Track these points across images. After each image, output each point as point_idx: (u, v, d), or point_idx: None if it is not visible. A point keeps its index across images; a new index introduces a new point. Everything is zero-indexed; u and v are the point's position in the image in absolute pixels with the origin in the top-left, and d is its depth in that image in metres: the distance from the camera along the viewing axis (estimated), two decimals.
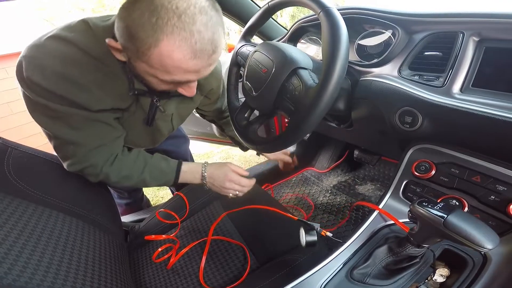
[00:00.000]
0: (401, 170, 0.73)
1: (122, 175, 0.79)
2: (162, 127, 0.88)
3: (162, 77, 0.58)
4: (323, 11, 0.62)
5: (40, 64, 0.59)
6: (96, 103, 0.65)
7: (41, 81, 0.59)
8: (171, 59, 0.53)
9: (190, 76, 0.59)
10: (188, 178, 0.89)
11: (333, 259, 0.57)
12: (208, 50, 0.55)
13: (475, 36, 0.65)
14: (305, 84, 0.67)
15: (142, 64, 0.57)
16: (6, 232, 0.52)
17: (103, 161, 0.75)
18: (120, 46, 0.58)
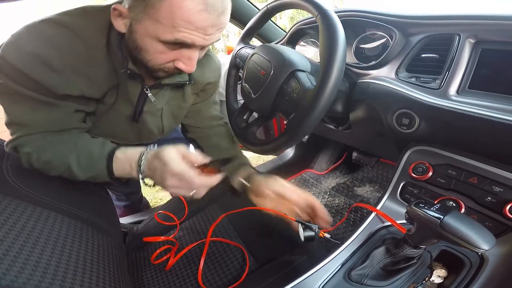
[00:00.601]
0: (398, 172, 0.74)
1: (43, 160, 0.66)
2: (150, 123, 0.83)
3: (165, 36, 0.56)
4: (321, 14, 0.63)
5: (20, 44, 0.58)
6: (65, 87, 0.62)
7: (14, 60, 0.57)
8: (181, 9, 0.52)
9: (195, 35, 0.57)
10: (125, 169, 0.67)
11: (331, 260, 0.57)
12: (218, 7, 0.55)
13: (472, 38, 0.66)
14: (303, 86, 0.67)
15: (147, 22, 0.56)
16: (4, 233, 0.52)
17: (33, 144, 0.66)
18: (125, 10, 0.58)
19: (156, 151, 0.64)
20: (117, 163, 0.67)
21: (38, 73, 0.58)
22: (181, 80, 0.77)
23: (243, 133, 0.89)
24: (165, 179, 0.61)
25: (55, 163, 0.67)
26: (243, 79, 0.84)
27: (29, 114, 0.64)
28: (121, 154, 0.68)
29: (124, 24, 0.60)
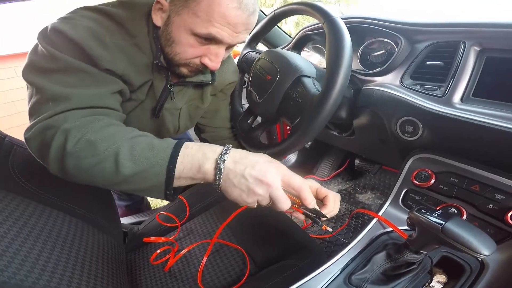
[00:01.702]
0: (401, 179, 0.74)
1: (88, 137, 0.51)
2: (168, 121, 0.83)
3: (200, 29, 0.62)
4: (328, 21, 0.64)
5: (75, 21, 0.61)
6: (109, 62, 0.61)
7: (68, 31, 0.58)
8: (219, 5, 0.59)
9: (226, 31, 0.63)
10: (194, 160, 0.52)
11: (331, 265, 0.57)
12: (249, 7, 0.62)
13: (476, 46, 0.66)
14: (308, 92, 0.68)
15: (185, 15, 0.62)
16: (6, 230, 0.52)
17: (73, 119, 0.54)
18: (166, 3, 0.64)
19: (248, 154, 0.54)
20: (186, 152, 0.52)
21: (89, 44, 0.59)
22: (204, 79, 0.80)
23: (247, 137, 0.89)
24: (257, 186, 0.50)
25: (101, 145, 0.51)
26: (249, 83, 0.85)
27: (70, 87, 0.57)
28: (194, 144, 0.54)
29: (162, 18, 0.67)
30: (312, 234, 1.14)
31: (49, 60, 0.58)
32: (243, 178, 0.50)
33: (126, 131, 0.55)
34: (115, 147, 0.50)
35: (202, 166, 0.51)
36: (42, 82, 0.56)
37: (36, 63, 0.59)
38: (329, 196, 0.61)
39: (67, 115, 0.54)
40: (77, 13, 0.64)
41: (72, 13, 0.64)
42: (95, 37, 0.61)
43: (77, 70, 0.58)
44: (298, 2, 0.76)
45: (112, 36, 0.63)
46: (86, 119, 0.54)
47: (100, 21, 0.63)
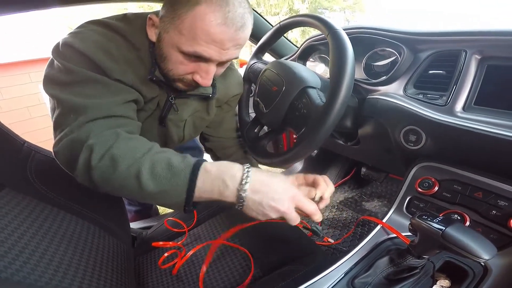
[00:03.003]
0: (405, 187, 0.75)
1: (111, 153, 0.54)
2: (173, 132, 0.86)
3: (185, 47, 0.62)
4: (331, 33, 0.66)
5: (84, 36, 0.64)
6: (118, 73, 0.65)
7: (77, 44, 0.62)
8: (202, 21, 0.58)
9: (213, 49, 0.62)
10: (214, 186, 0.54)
11: (335, 269, 0.58)
12: (237, 22, 0.60)
13: (477, 54, 0.67)
14: (313, 103, 0.70)
15: (172, 32, 0.62)
16: (23, 231, 0.55)
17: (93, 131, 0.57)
18: (157, 20, 0.65)
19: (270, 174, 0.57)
20: (206, 177, 0.54)
21: (98, 56, 0.63)
22: (204, 92, 0.81)
23: (254, 146, 0.91)
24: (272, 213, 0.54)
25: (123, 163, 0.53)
26: (255, 94, 0.87)
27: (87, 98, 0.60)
28: (212, 167, 0.55)
29: (155, 33, 0.67)
30: (318, 241, 1.14)
31: (65, 74, 0.62)
32: (261, 206, 0.54)
33: (145, 146, 0.58)
34: (136, 166, 0.53)
35: (222, 193, 0.54)
36: (61, 94, 0.61)
37: (53, 77, 0.64)
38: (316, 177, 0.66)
39: (89, 128, 0.57)
40: (84, 27, 0.66)
41: (80, 27, 0.67)
42: (103, 50, 0.63)
43: (92, 81, 0.62)
44: (303, 14, 0.78)
45: (119, 49, 0.66)
46: (108, 133, 0.57)
47: (106, 34, 0.66)
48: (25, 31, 4.88)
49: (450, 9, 10.97)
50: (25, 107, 4.17)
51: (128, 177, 0.53)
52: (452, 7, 11.07)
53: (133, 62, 0.69)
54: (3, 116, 3.75)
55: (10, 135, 0.73)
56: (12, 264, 0.47)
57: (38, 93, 4.28)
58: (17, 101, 4.10)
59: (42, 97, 4.39)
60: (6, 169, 0.66)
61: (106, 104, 0.61)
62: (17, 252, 0.50)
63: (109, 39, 0.65)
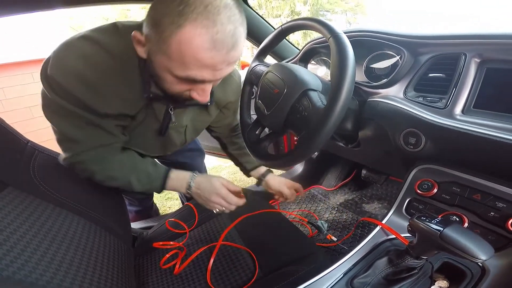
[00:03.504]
0: (404, 189, 0.75)
1: (108, 175, 0.79)
2: (175, 138, 0.90)
3: (177, 72, 0.58)
4: (333, 37, 0.67)
5: (64, 64, 0.63)
6: (104, 107, 0.68)
7: (61, 80, 0.63)
8: (189, 47, 0.53)
9: (205, 72, 0.59)
10: (175, 186, 0.87)
11: (334, 269, 0.58)
12: (227, 43, 0.55)
13: (477, 58, 0.68)
14: (314, 105, 0.71)
15: (160, 56, 0.58)
16: (25, 230, 0.55)
17: (93, 160, 0.76)
18: (143, 38, 0.60)
19: (206, 177, 0.88)
20: (170, 182, 0.86)
21: (81, 92, 0.64)
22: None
23: (255, 148, 0.92)
24: (211, 197, 0.85)
25: (119, 180, 0.81)
26: (257, 96, 0.88)
27: (79, 130, 0.71)
28: (174, 175, 0.87)
29: (144, 52, 0.62)
30: (318, 242, 1.15)
31: (55, 104, 0.67)
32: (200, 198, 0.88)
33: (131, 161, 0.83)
34: (127, 179, 0.82)
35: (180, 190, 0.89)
36: (56, 122, 0.71)
37: (47, 104, 0.70)
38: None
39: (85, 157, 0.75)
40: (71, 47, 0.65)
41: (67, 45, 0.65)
42: (86, 83, 0.63)
43: (80, 116, 0.68)
44: (305, 17, 0.79)
45: (103, 76, 0.64)
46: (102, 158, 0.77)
47: (93, 57, 0.64)
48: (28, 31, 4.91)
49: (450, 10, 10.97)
50: (27, 107, 4.18)
51: (123, 184, 0.82)
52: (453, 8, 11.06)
53: (120, 86, 0.67)
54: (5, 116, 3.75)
55: (14, 135, 0.74)
56: (14, 262, 0.48)
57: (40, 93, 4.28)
58: (20, 101, 4.11)
59: None
60: (9, 168, 0.67)
61: (95, 136, 0.74)
62: (19, 250, 0.50)
63: (93, 65, 0.63)
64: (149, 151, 0.92)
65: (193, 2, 0.52)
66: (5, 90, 4.00)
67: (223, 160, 3.09)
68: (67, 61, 0.63)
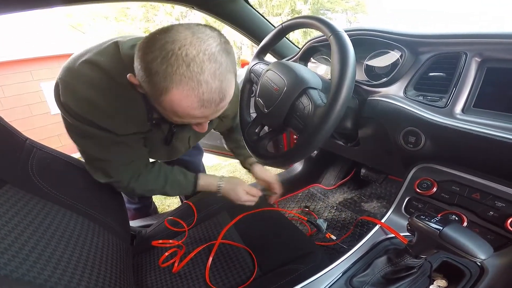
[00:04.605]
0: (404, 187, 0.75)
1: (146, 189, 0.87)
2: (179, 147, 0.96)
3: (174, 120, 0.62)
4: (333, 35, 0.66)
5: (72, 89, 0.65)
6: (120, 129, 0.71)
7: (74, 107, 0.65)
8: (180, 107, 0.55)
9: (200, 119, 0.62)
10: (205, 189, 0.96)
11: (333, 268, 0.58)
12: (215, 100, 0.56)
13: (477, 57, 0.68)
14: (314, 104, 0.70)
15: (156, 105, 0.59)
16: (23, 228, 0.55)
17: (129, 177, 0.82)
18: (138, 83, 0.59)
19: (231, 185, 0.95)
20: (200, 187, 0.94)
21: (96, 117, 0.66)
22: None
23: (255, 146, 0.91)
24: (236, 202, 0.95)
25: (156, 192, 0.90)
26: (257, 94, 0.87)
27: (105, 149, 0.74)
28: (203, 181, 0.95)
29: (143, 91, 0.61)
30: (317, 241, 1.15)
31: (77, 128, 0.69)
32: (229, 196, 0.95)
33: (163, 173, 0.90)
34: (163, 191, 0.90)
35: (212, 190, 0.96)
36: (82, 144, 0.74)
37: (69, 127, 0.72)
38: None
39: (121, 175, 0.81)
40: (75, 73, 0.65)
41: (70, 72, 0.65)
42: (98, 109, 0.65)
43: (101, 137, 0.70)
44: (305, 16, 0.79)
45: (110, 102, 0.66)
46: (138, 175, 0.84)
47: (98, 84, 0.64)
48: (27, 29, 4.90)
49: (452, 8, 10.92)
50: (26, 105, 4.19)
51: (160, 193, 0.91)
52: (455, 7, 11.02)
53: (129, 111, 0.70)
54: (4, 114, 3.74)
55: (12, 132, 0.74)
56: (12, 261, 0.48)
57: (40, 91, 4.29)
58: (18, 99, 4.11)
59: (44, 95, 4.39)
60: (8, 165, 0.67)
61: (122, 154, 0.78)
62: (17, 249, 0.50)
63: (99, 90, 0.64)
64: (156, 157, 0.97)
65: (175, 61, 0.51)
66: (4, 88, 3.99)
67: (222, 158, 3.10)
68: (76, 89, 0.65)
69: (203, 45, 0.52)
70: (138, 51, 0.55)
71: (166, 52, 0.51)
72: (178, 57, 0.51)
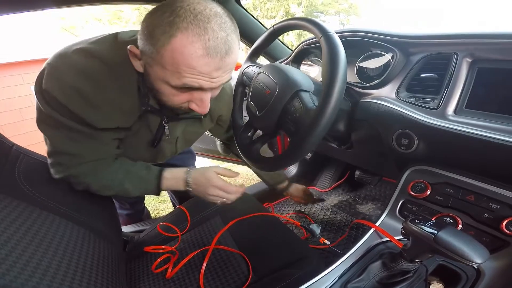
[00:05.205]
0: (397, 190, 0.75)
1: (103, 185, 0.78)
2: (166, 149, 0.89)
3: (173, 81, 0.58)
4: (324, 36, 0.66)
5: (60, 77, 0.62)
6: (103, 121, 0.67)
7: (57, 95, 0.61)
8: (182, 55, 0.54)
9: (201, 79, 0.58)
10: (172, 185, 0.85)
11: (328, 273, 0.58)
12: (221, 49, 0.55)
13: (468, 57, 0.68)
14: (305, 106, 0.70)
15: (156, 67, 0.58)
16: (10, 235, 0.53)
17: (86, 173, 0.75)
18: (138, 52, 0.60)
19: (199, 171, 0.84)
20: (165, 181, 0.83)
21: (78, 107, 0.63)
22: (196, 114, 0.80)
23: (247, 150, 0.90)
24: (209, 190, 0.82)
25: (113, 188, 0.80)
26: (249, 97, 0.87)
27: (74, 144, 0.70)
28: (168, 174, 0.84)
29: (141, 65, 0.63)
30: (312, 244, 1.14)
31: (51, 119, 0.65)
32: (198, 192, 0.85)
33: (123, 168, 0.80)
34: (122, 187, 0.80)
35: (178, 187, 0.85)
36: (49, 136, 0.70)
37: (42, 118, 0.68)
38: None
39: (82, 169, 0.74)
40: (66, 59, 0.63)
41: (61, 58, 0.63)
42: (84, 98, 0.62)
43: (77, 130, 0.67)
44: (297, 17, 0.78)
45: (101, 90, 0.63)
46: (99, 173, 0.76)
47: (90, 70, 0.62)
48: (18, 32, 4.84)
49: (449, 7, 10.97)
50: (17, 109, 4.12)
51: (119, 191, 0.81)
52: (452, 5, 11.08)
53: (118, 99, 0.66)
54: None
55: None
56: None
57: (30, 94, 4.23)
58: (9, 103, 4.05)
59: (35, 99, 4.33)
60: None
61: (91, 151, 0.73)
62: (3, 256, 0.48)
63: (90, 79, 0.62)
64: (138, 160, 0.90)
65: (183, 13, 0.53)
66: None
67: (215, 162, 3.07)
68: (63, 75, 0.62)
69: (209, 5, 0.56)
70: (146, 15, 0.57)
71: (175, 7, 0.53)
72: (186, 10, 0.53)
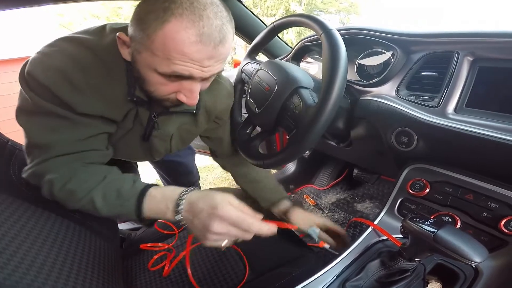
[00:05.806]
0: (396, 189, 0.75)
1: (67, 188, 0.62)
2: (159, 146, 0.83)
3: (162, 68, 0.55)
4: (325, 33, 0.65)
5: (45, 60, 0.60)
6: (84, 105, 0.62)
7: (39, 76, 0.58)
8: (174, 41, 0.52)
9: (192, 67, 0.56)
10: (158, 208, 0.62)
11: (326, 272, 0.57)
12: (215, 38, 0.53)
13: (469, 56, 0.67)
14: (305, 103, 0.69)
15: (145, 53, 0.56)
16: (4, 232, 0.53)
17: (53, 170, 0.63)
18: (128, 39, 0.58)
19: (203, 193, 0.59)
20: (151, 201, 0.62)
21: (60, 88, 0.59)
22: (187, 108, 0.77)
23: (246, 147, 0.90)
24: (211, 223, 0.54)
25: (79, 194, 0.62)
26: (248, 94, 0.86)
27: (51, 133, 0.63)
28: (156, 192, 0.63)
29: (129, 53, 0.60)
30: (310, 243, 1.14)
31: (30, 104, 0.61)
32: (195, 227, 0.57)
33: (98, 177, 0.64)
34: (90, 197, 0.62)
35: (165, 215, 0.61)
36: (27, 126, 0.63)
37: (21, 105, 0.64)
38: None
39: (50, 165, 0.63)
40: (55, 47, 0.61)
41: (50, 46, 0.62)
42: (68, 80, 0.59)
43: (55, 115, 0.61)
44: (297, 14, 0.78)
45: (87, 76, 0.61)
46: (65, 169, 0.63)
47: (77, 56, 0.60)
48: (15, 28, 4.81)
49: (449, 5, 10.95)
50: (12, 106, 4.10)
51: (86, 204, 0.63)
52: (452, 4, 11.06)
53: (104, 87, 0.63)
54: None
55: None
56: None
57: None
58: (6, 99, 4.03)
59: None
60: None
61: (68, 142, 0.64)
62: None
63: (77, 63, 0.60)
64: (133, 157, 0.87)
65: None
66: None
67: None
68: (49, 58, 0.60)
69: None
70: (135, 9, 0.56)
71: None
72: None
